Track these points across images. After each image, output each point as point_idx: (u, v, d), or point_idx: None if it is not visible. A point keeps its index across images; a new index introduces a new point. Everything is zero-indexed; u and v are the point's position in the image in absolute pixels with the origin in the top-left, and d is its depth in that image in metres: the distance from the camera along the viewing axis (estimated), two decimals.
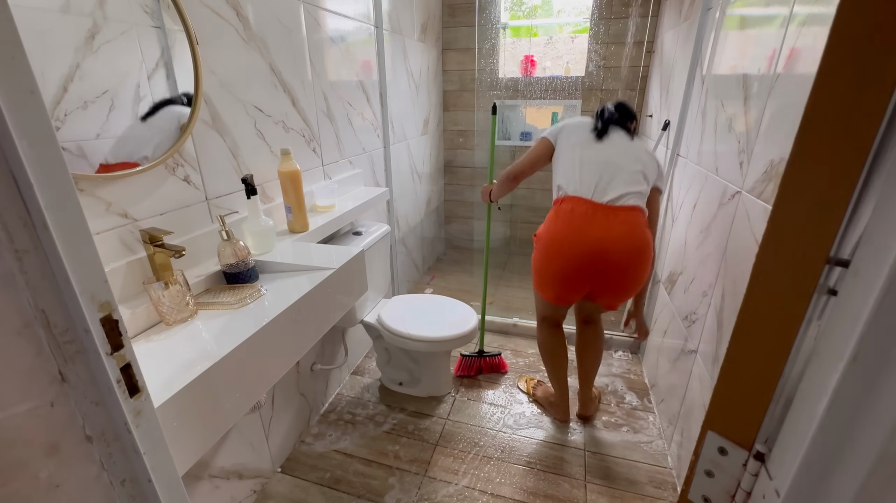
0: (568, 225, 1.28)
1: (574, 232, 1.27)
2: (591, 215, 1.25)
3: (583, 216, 1.26)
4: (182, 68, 0.96)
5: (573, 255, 1.28)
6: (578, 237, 1.26)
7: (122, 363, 0.41)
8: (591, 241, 1.25)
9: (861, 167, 0.31)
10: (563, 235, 1.28)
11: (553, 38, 2.64)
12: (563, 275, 1.33)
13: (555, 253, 1.31)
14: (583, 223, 1.25)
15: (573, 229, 1.27)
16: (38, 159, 0.34)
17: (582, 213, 1.26)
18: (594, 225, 1.24)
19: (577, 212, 1.27)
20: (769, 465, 0.40)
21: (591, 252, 1.25)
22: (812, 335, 0.36)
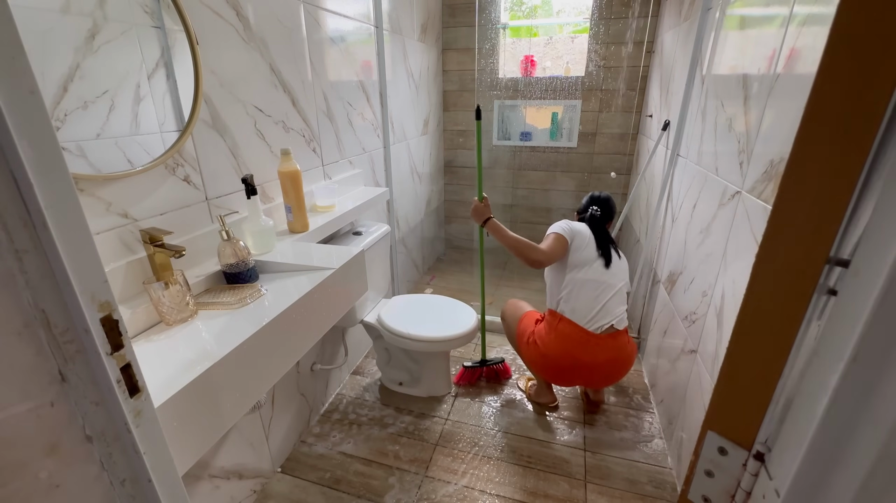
0: (564, 346, 1.48)
1: (569, 353, 1.48)
2: (584, 342, 1.46)
3: (578, 342, 1.47)
4: (182, 68, 0.96)
5: (567, 369, 1.50)
6: (574, 357, 1.47)
7: (122, 363, 0.41)
8: (584, 361, 1.46)
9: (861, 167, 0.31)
10: (560, 353, 1.49)
11: (553, 38, 2.64)
12: (557, 377, 1.58)
13: (552, 363, 1.53)
14: (577, 347, 1.47)
15: (568, 352, 1.48)
16: (38, 159, 0.34)
17: (577, 339, 1.47)
18: (588, 350, 1.46)
19: (572, 337, 1.47)
20: (769, 465, 0.40)
21: (583, 367, 1.48)
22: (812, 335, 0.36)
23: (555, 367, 1.52)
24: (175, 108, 0.96)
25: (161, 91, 0.93)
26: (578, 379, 1.55)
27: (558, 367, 1.52)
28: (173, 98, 0.96)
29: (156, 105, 0.92)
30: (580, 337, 1.47)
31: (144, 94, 0.89)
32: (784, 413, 0.38)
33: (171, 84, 0.95)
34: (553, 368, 1.53)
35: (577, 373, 1.51)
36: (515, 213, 3.07)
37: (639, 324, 2.10)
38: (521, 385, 1.87)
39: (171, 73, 0.94)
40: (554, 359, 1.50)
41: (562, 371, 1.52)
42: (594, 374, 1.51)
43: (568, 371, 1.51)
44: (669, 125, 1.82)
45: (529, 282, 2.84)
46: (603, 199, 1.66)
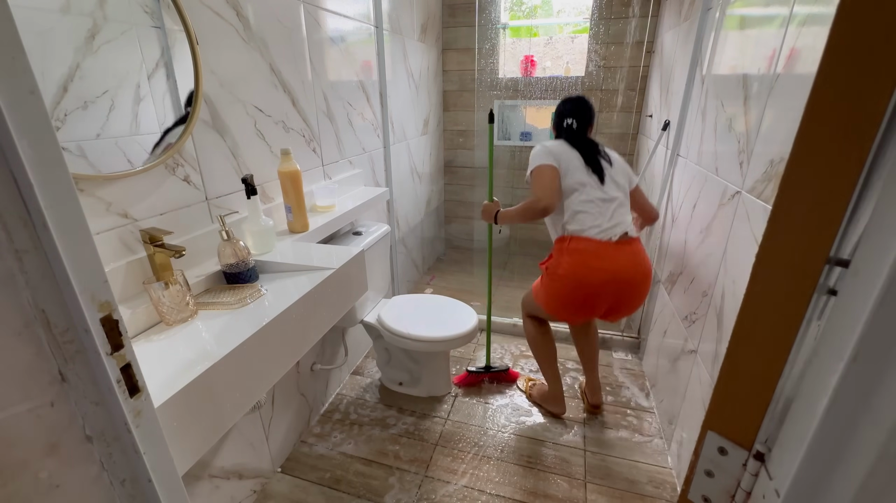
0: (580, 260, 1.38)
1: (586, 265, 1.37)
2: (600, 250, 1.37)
3: (594, 253, 1.37)
4: (182, 68, 0.96)
5: (587, 286, 1.38)
6: (592, 268, 1.37)
7: (122, 363, 0.41)
8: (604, 269, 1.36)
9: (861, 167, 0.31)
10: (576, 269, 1.39)
11: (553, 38, 2.64)
12: (577, 306, 1.44)
13: (573, 288, 1.41)
14: (593, 258, 1.37)
15: (585, 263, 1.37)
16: (38, 159, 0.34)
17: (593, 250, 1.37)
18: (605, 257, 1.37)
19: (588, 249, 1.38)
20: (769, 465, 0.40)
21: (605, 282, 1.37)
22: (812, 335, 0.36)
23: (573, 291, 1.40)
24: (175, 108, 0.96)
25: (161, 91, 0.93)
26: (600, 301, 1.41)
27: (577, 289, 1.39)
28: (173, 98, 0.96)
29: (156, 105, 0.92)
30: (595, 247, 1.37)
31: (144, 94, 0.89)
32: (784, 413, 0.38)
33: (171, 84, 0.95)
34: (571, 293, 1.41)
35: (598, 293, 1.38)
36: None
37: (639, 324, 2.10)
38: (521, 385, 1.87)
39: (171, 73, 0.94)
40: (571, 280, 1.39)
41: (581, 293, 1.39)
42: (617, 289, 1.38)
43: (588, 290, 1.38)
44: (669, 125, 1.82)
45: (529, 282, 2.83)
46: (574, 101, 1.48)
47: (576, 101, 1.48)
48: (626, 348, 2.10)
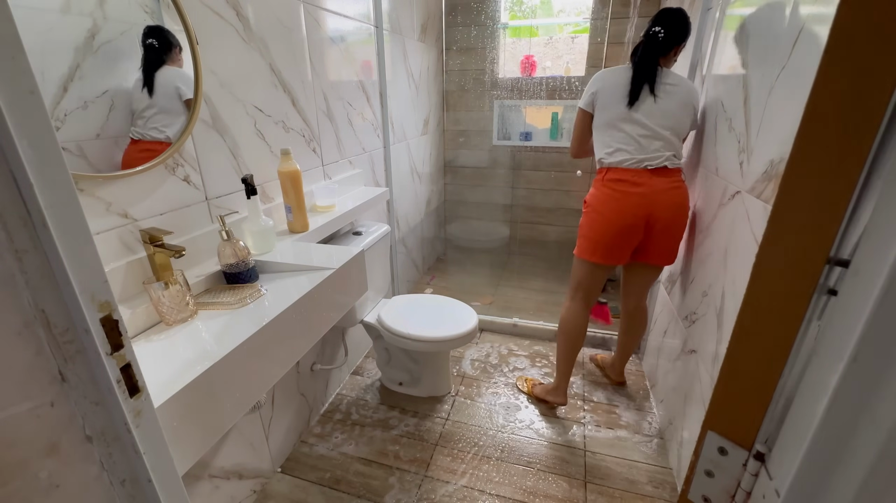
0: (617, 190, 1.40)
1: (622, 194, 1.40)
2: (637, 178, 1.38)
3: (631, 182, 1.39)
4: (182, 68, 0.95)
5: (626, 212, 1.40)
6: (626, 198, 1.39)
7: (122, 363, 0.41)
8: (637, 199, 1.38)
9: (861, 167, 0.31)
10: (614, 198, 1.41)
11: (553, 38, 2.64)
12: (615, 237, 1.44)
13: (609, 212, 1.42)
14: (630, 185, 1.39)
15: (622, 192, 1.40)
16: (38, 159, 0.34)
17: (629, 178, 1.39)
18: (641, 184, 1.38)
19: (624, 178, 1.39)
20: (769, 465, 0.40)
21: (638, 206, 1.39)
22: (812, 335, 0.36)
23: (611, 221, 1.41)
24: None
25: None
26: (635, 230, 1.41)
27: (614, 217, 1.40)
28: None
29: None
30: (632, 176, 1.37)
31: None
32: (784, 413, 0.38)
33: None
34: (608, 224, 1.42)
35: (633, 219, 1.38)
36: (515, 212, 3.07)
37: None
38: (521, 386, 1.86)
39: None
40: (608, 208, 1.41)
41: (618, 221, 1.40)
42: (649, 215, 1.37)
43: (624, 216, 1.39)
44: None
45: (529, 282, 2.84)
46: (673, 13, 1.35)
47: (675, 13, 1.36)
48: None
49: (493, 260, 3.14)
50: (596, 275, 1.53)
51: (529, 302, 2.61)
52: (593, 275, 1.53)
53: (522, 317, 2.28)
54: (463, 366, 2.00)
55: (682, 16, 1.35)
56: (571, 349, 1.63)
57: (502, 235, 3.15)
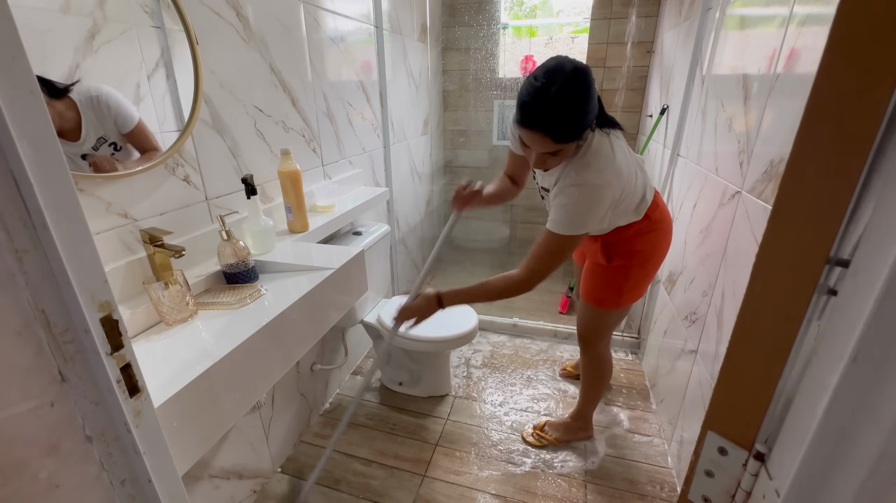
0: (664, 222, 1.24)
1: (670, 223, 1.27)
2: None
3: (663, 206, 1.26)
4: (182, 68, 0.96)
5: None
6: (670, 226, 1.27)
7: (122, 363, 0.41)
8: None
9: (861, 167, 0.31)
10: (665, 230, 1.25)
11: (553, 38, 2.64)
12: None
13: (665, 246, 1.27)
14: (666, 211, 1.26)
15: (669, 222, 1.26)
16: (38, 159, 0.34)
17: (661, 204, 1.25)
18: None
19: (660, 206, 1.24)
20: (769, 465, 0.40)
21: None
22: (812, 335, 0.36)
23: (663, 254, 1.27)
24: (175, 108, 0.96)
25: (161, 91, 0.93)
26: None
27: (666, 249, 1.27)
28: (173, 98, 0.96)
29: (156, 105, 0.92)
30: (658, 198, 1.23)
31: (144, 94, 0.89)
32: (784, 413, 0.38)
33: (171, 84, 0.95)
34: (662, 258, 1.27)
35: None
36: (515, 213, 3.06)
37: (639, 324, 2.10)
38: (533, 440, 1.57)
39: (170, 73, 0.94)
40: (665, 247, 1.26)
41: (666, 250, 1.27)
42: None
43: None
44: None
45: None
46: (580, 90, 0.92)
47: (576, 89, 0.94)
48: (626, 348, 2.10)
49: (493, 260, 3.14)
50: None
51: (529, 302, 2.60)
52: (627, 312, 1.41)
53: (522, 317, 2.28)
54: (463, 366, 2.00)
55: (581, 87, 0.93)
56: (606, 381, 1.51)
57: (502, 235, 3.15)
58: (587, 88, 0.91)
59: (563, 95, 0.89)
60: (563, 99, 0.89)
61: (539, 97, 0.90)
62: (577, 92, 0.90)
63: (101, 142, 0.80)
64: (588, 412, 1.56)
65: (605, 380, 1.49)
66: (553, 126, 0.91)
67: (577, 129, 0.93)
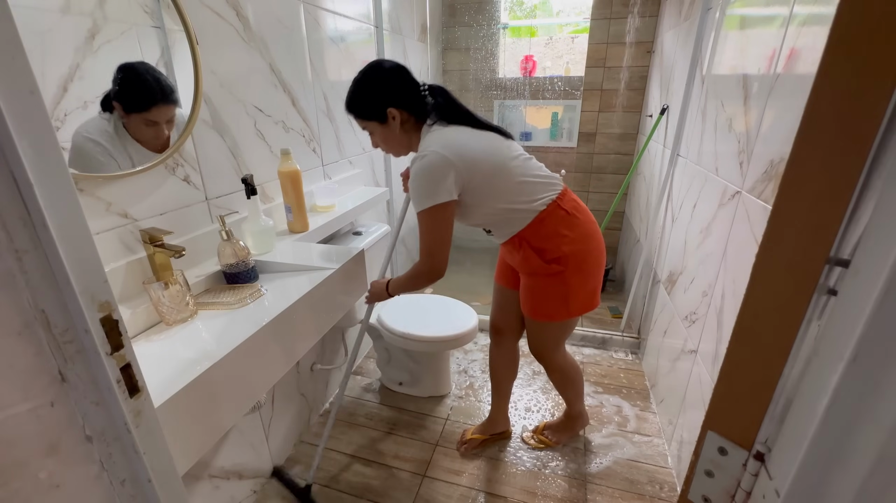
0: (583, 214, 1.20)
1: (589, 215, 1.22)
2: (579, 204, 1.22)
3: (578, 203, 1.21)
4: (182, 68, 0.96)
5: (600, 238, 1.23)
6: (592, 221, 1.22)
7: (122, 363, 0.41)
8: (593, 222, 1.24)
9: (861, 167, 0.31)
10: (589, 222, 1.20)
11: (553, 38, 2.64)
12: (599, 274, 1.25)
13: (598, 241, 1.21)
14: (583, 208, 1.22)
15: (588, 214, 1.21)
16: (38, 159, 0.34)
17: (574, 199, 1.21)
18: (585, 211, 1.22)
19: (576, 200, 1.20)
20: (769, 465, 0.40)
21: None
22: (812, 335, 0.36)
23: (599, 254, 1.21)
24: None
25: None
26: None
27: (599, 249, 1.21)
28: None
29: None
30: (571, 195, 1.19)
31: None
32: (784, 413, 0.38)
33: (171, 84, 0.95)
34: (599, 258, 1.22)
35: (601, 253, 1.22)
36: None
37: (639, 324, 2.10)
38: (533, 442, 1.57)
39: (171, 73, 0.94)
40: (598, 243, 1.20)
41: (601, 252, 1.22)
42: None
43: (600, 244, 1.21)
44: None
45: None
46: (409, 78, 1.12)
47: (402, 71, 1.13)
48: (626, 348, 2.10)
49: (493, 260, 3.13)
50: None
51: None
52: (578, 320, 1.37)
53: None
54: (463, 366, 2.00)
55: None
56: (580, 384, 1.50)
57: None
58: (369, 73, 1.11)
59: (354, 80, 1.12)
60: (354, 83, 1.12)
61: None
62: (362, 78, 1.11)
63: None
64: (578, 408, 1.55)
65: (578, 380, 1.48)
66: (348, 104, 1.13)
67: (364, 105, 1.11)
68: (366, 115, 1.12)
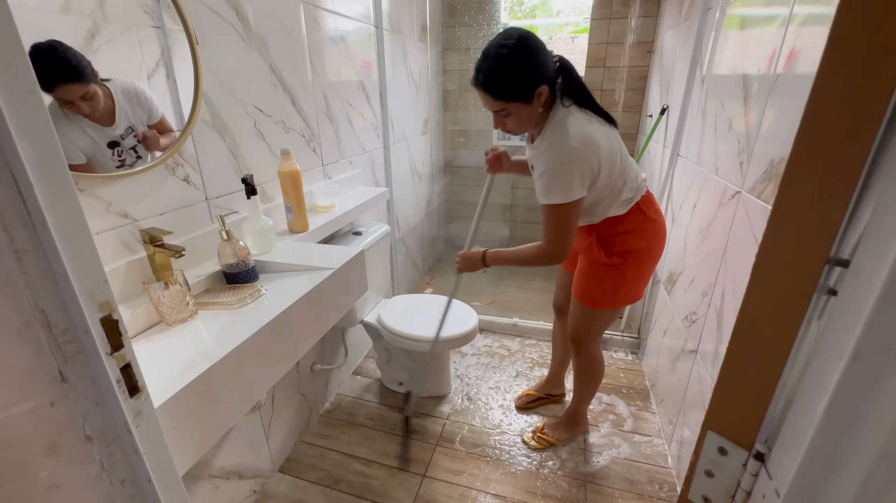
0: (657, 218, 1.24)
1: (662, 220, 1.26)
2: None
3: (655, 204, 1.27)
4: (182, 68, 0.96)
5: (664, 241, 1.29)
6: (663, 227, 1.27)
7: (122, 363, 0.41)
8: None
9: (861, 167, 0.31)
10: (659, 226, 1.24)
11: (553, 38, 2.64)
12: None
13: (660, 244, 1.26)
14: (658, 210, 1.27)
15: (661, 219, 1.26)
16: (38, 159, 0.34)
17: (654, 202, 1.27)
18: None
19: (653, 202, 1.25)
20: (769, 465, 0.40)
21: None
22: (812, 335, 0.36)
23: (658, 255, 1.25)
24: (175, 108, 0.96)
25: (161, 91, 0.93)
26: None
27: (660, 251, 1.26)
28: (173, 98, 0.96)
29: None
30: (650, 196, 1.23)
31: None
32: (784, 413, 0.38)
33: (171, 84, 0.95)
34: (657, 258, 1.26)
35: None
36: (515, 212, 3.06)
37: (639, 324, 2.10)
38: (533, 443, 1.57)
39: (171, 73, 0.94)
40: (660, 245, 1.24)
41: (661, 253, 1.27)
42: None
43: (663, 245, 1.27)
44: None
45: (531, 282, 2.84)
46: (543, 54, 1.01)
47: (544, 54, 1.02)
48: (626, 348, 2.10)
49: None
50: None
51: (529, 302, 2.61)
52: (620, 312, 1.46)
53: (522, 318, 2.28)
54: (463, 366, 2.00)
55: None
56: (600, 379, 1.51)
57: (502, 235, 3.15)
58: (522, 49, 0.97)
59: (498, 55, 0.97)
60: (498, 58, 0.97)
61: (481, 58, 1.00)
62: (512, 52, 0.96)
63: (129, 131, 0.84)
64: (583, 409, 1.58)
65: (598, 379, 1.49)
66: (488, 82, 1.00)
67: (514, 84, 0.99)
68: (512, 95, 1.00)
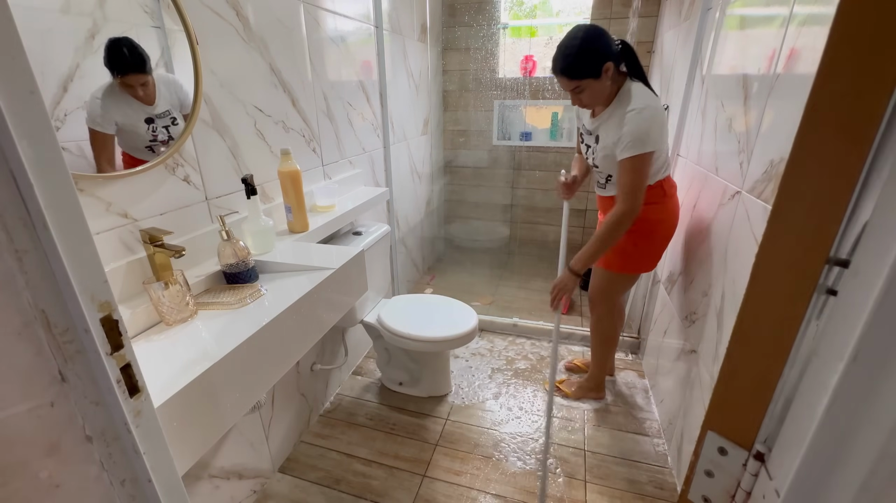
0: (675, 197, 1.42)
1: (677, 201, 1.45)
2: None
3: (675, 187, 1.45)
4: (182, 68, 0.96)
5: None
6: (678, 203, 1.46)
7: (122, 363, 0.41)
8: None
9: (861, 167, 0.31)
10: (676, 205, 1.43)
11: (553, 38, 2.63)
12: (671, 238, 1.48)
13: (675, 220, 1.43)
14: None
15: (677, 199, 1.44)
16: (38, 159, 0.34)
17: (675, 184, 1.45)
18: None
19: (673, 185, 1.43)
20: (769, 465, 0.40)
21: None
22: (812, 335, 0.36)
23: (674, 227, 1.43)
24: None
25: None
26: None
27: (675, 223, 1.43)
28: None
29: None
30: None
31: None
32: (784, 413, 0.38)
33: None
34: (672, 229, 1.43)
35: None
36: (515, 213, 3.07)
37: (639, 325, 2.10)
38: (564, 387, 1.81)
39: (171, 73, 0.94)
40: (675, 221, 1.42)
41: (671, 230, 1.44)
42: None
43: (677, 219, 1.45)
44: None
45: (529, 282, 2.84)
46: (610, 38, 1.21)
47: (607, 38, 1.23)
48: (626, 348, 2.10)
49: (493, 260, 3.14)
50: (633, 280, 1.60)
51: (529, 302, 2.61)
52: (633, 281, 1.60)
53: (522, 318, 2.28)
54: (463, 366, 2.00)
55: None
56: (615, 341, 1.73)
57: (502, 235, 3.15)
58: (588, 33, 1.18)
59: (569, 41, 1.19)
60: (569, 43, 1.19)
61: (556, 52, 1.21)
62: (579, 37, 1.17)
63: (166, 113, 0.94)
64: (600, 377, 1.76)
65: (608, 343, 1.67)
66: (563, 65, 1.20)
67: (584, 65, 1.19)
68: (584, 73, 1.20)
